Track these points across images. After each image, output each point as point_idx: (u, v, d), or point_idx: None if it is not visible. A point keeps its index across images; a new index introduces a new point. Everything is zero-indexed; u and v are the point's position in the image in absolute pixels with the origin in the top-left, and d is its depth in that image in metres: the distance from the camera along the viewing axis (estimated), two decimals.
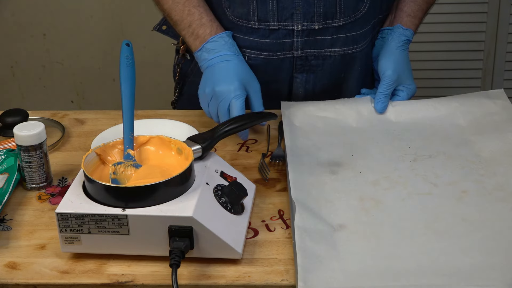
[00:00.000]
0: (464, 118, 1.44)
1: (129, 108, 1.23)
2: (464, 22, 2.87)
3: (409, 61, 1.53)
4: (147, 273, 1.10)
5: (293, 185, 1.23)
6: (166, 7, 1.50)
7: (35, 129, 1.28)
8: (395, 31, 1.53)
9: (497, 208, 1.18)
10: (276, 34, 1.50)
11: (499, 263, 1.06)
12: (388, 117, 1.47)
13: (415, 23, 1.55)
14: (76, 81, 3.13)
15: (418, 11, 1.55)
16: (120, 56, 1.26)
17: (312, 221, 1.14)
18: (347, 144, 1.38)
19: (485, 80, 2.94)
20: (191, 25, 1.47)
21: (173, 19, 1.50)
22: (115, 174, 1.17)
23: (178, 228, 1.07)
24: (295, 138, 1.39)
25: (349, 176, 1.28)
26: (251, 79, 1.43)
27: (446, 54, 2.92)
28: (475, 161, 1.31)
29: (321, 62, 1.53)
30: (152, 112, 1.57)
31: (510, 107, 1.46)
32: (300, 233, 1.11)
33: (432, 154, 1.34)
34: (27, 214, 1.25)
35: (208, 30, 1.46)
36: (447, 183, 1.25)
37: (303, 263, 1.06)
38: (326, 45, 1.51)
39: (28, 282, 1.10)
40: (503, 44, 2.89)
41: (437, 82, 2.94)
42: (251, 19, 1.49)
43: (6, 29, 3.03)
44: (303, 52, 1.51)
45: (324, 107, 1.49)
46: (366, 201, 1.21)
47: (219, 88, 1.39)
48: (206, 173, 1.18)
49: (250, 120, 1.32)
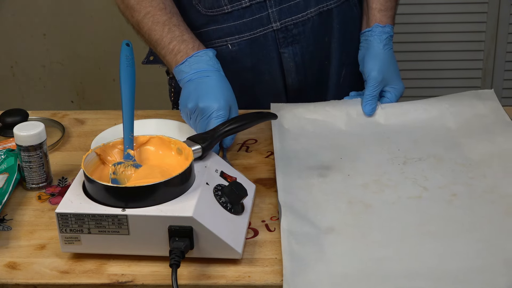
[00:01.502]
0: (454, 120, 1.44)
1: (129, 108, 1.24)
2: (464, 22, 2.87)
3: (395, 60, 1.53)
4: (147, 273, 1.10)
5: (281, 188, 1.23)
6: (146, 29, 1.45)
7: (35, 129, 1.28)
8: (374, 31, 1.53)
9: (487, 211, 1.18)
10: (250, 11, 1.51)
11: (489, 266, 1.06)
12: (377, 119, 1.46)
13: (389, 15, 1.55)
14: (76, 81, 3.13)
15: (387, 1, 1.55)
16: (120, 56, 1.26)
17: (299, 223, 1.14)
18: (336, 147, 1.38)
19: (485, 80, 2.94)
20: (171, 41, 1.42)
21: (153, 39, 1.45)
22: (115, 174, 1.17)
23: (178, 228, 1.07)
24: (284, 141, 1.39)
25: (338, 179, 1.28)
26: (234, 100, 1.38)
27: (446, 54, 2.92)
28: (465, 163, 1.31)
29: (301, 30, 1.54)
30: (152, 112, 1.57)
31: (500, 109, 1.45)
32: (287, 236, 1.11)
33: (422, 157, 1.33)
34: (27, 214, 1.25)
35: (191, 45, 1.42)
36: (437, 186, 1.25)
37: (289, 266, 1.06)
38: (301, 8, 1.52)
39: (28, 282, 1.10)
40: (503, 44, 2.88)
41: (437, 82, 2.94)
42: (222, 5, 1.50)
43: (6, 29, 3.03)
44: (282, 23, 1.52)
45: (314, 109, 1.48)
46: (354, 204, 1.20)
47: (203, 104, 1.33)
48: (206, 173, 1.18)
49: (250, 120, 1.32)
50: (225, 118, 1.33)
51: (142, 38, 1.50)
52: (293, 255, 1.08)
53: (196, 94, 1.36)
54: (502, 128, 1.39)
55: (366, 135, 1.41)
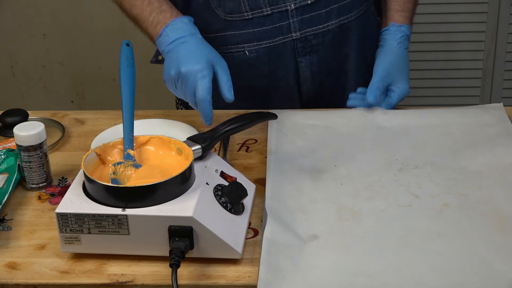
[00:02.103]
0: (458, 128, 1.41)
1: (129, 108, 1.24)
2: (464, 22, 2.87)
3: (406, 61, 1.54)
4: (147, 273, 1.10)
5: (269, 195, 1.22)
6: (127, 6, 1.47)
7: (35, 129, 1.28)
8: (390, 30, 1.55)
9: (476, 224, 1.15)
10: (270, 19, 1.50)
11: (472, 284, 1.03)
12: (378, 124, 1.44)
13: (406, 16, 1.56)
14: (76, 81, 3.13)
15: (406, 3, 1.56)
16: (120, 56, 1.26)
17: (282, 233, 1.12)
18: (333, 150, 1.36)
19: (485, 80, 2.94)
20: (151, 13, 1.43)
21: (133, 14, 1.46)
22: (115, 174, 1.17)
23: (178, 228, 1.07)
24: (280, 144, 1.37)
25: (330, 185, 1.26)
26: (217, 57, 1.37)
27: (446, 54, 2.92)
28: (462, 173, 1.28)
29: (321, 40, 1.53)
30: (152, 112, 1.57)
31: (506, 120, 1.42)
32: (268, 245, 1.10)
33: (419, 164, 1.31)
34: (27, 214, 1.25)
35: (169, 14, 1.41)
36: (430, 195, 1.23)
37: (265, 277, 1.04)
38: (322, 20, 1.52)
39: (28, 282, 1.10)
40: (503, 44, 2.88)
41: (437, 82, 2.94)
42: (243, 11, 1.49)
43: (6, 29, 3.03)
44: (302, 33, 1.51)
45: (313, 116, 1.47)
46: (342, 211, 1.19)
47: (184, 68, 1.32)
48: (206, 173, 1.18)
49: (250, 120, 1.32)
50: (210, 77, 1.32)
51: (124, 14, 1.50)
52: (270, 266, 1.06)
53: (176, 61, 1.35)
54: (506, 140, 1.36)
55: (365, 140, 1.40)
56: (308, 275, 1.06)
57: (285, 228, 1.14)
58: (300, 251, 1.10)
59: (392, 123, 1.44)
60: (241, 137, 1.46)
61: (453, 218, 1.17)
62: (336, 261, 1.08)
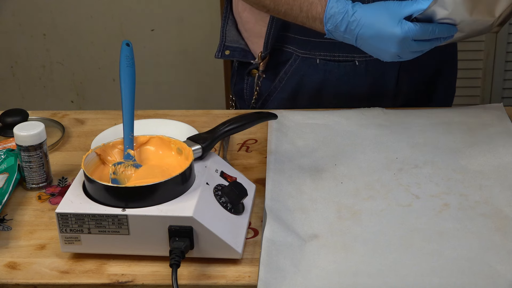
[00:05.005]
0: (458, 128, 1.41)
1: (129, 108, 1.23)
2: None
3: None
4: (147, 273, 1.10)
5: (269, 194, 1.22)
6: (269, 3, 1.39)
7: (35, 129, 1.28)
8: None
9: (476, 224, 1.15)
10: None
11: (472, 285, 1.03)
12: (379, 124, 1.44)
13: None
14: (76, 81, 3.13)
15: None
16: (120, 56, 1.26)
17: (282, 233, 1.12)
18: (333, 149, 1.36)
19: (485, 80, 2.94)
20: (302, 8, 1.35)
21: (282, 11, 1.39)
22: (115, 174, 1.17)
23: (178, 228, 1.07)
24: (280, 144, 1.37)
25: (330, 184, 1.26)
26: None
27: None
28: (462, 173, 1.28)
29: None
30: (152, 112, 1.57)
31: (506, 120, 1.43)
32: (268, 245, 1.10)
33: (419, 164, 1.31)
34: (27, 214, 1.25)
35: (320, 8, 1.32)
36: (429, 194, 1.23)
37: (265, 277, 1.04)
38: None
39: (28, 282, 1.10)
40: (503, 44, 2.88)
41: None
42: None
43: (6, 29, 3.04)
44: None
45: (313, 116, 1.47)
46: (342, 211, 1.19)
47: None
48: (206, 173, 1.18)
49: (250, 120, 1.32)
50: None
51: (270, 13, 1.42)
52: (270, 266, 1.06)
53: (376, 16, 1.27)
54: (506, 140, 1.36)
55: (366, 140, 1.39)
56: (308, 275, 1.06)
57: (285, 228, 1.14)
58: (300, 251, 1.10)
59: (392, 123, 1.44)
60: (241, 137, 1.46)
61: (453, 218, 1.17)
62: (336, 260, 1.08)
